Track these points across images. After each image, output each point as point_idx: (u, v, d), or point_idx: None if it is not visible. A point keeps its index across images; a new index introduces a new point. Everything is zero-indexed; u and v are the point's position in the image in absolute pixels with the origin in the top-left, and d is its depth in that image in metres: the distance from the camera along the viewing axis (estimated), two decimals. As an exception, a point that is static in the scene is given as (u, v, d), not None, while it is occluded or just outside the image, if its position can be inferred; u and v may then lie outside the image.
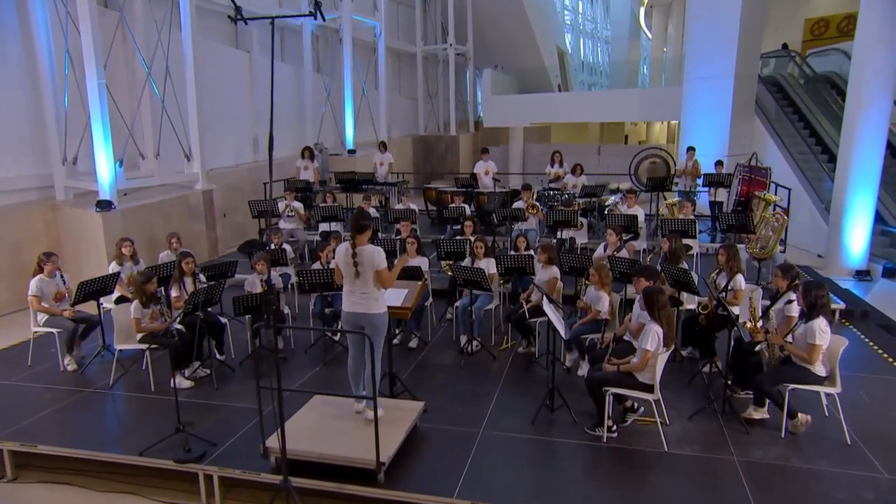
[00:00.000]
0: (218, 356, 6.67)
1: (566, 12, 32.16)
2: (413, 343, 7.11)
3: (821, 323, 4.92)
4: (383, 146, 13.33)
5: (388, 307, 5.27)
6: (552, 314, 5.29)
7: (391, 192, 12.85)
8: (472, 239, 7.35)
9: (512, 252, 7.56)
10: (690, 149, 11.18)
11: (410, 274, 6.67)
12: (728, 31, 13.96)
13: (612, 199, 9.46)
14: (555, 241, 9.31)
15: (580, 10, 34.15)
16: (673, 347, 5.05)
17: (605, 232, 7.62)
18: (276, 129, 14.64)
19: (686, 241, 8.46)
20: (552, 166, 12.15)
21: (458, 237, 8.06)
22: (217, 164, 13.25)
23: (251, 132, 14.66)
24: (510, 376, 6.34)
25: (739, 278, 6.23)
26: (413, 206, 10.31)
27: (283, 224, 10.14)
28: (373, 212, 10.06)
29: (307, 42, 15.80)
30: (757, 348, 5.36)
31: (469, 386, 6.15)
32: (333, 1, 15.98)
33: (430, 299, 7.56)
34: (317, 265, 7.22)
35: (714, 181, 10.56)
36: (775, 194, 9.31)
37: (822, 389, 5.12)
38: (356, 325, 4.94)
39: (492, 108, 20.89)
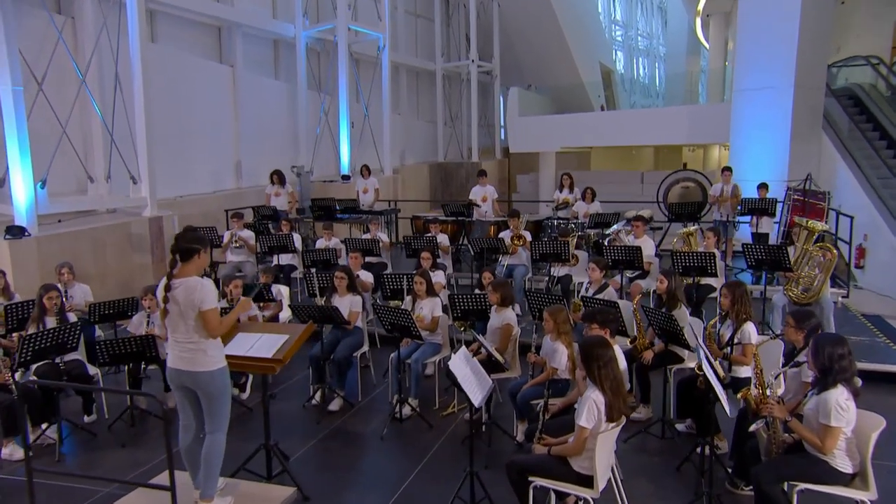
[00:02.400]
0: (86, 417, 5.84)
1: (616, 28, 31.34)
2: (335, 405, 6.13)
3: (839, 395, 3.68)
4: (366, 170, 12.79)
5: (253, 359, 4.34)
6: (464, 372, 4.20)
7: (378, 222, 12.06)
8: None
9: (477, 291, 6.60)
10: (726, 169, 9.99)
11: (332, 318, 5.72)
12: (786, 34, 12.84)
13: (613, 228, 8.33)
14: (547, 278, 8.29)
15: (635, 26, 33.29)
16: (622, 422, 3.88)
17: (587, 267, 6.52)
18: (265, 153, 14.31)
19: (707, 280, 7.35)
20: (560, 191, 11.37)
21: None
22: (190, 189, 12.80)
23: (234, 155, 14.22)
24: (442, 452, 5.27)
25: (749, 329, 5.05)
26: (382, 237, 9.55)
27: (229, 256, 9.43)
28: (334, 243, 9.21)
29: (301, 56, 15.39)
30: (752, 427, 4.12)
31: (382, 464, 5.14)
32: (333, 9, 15.56)
33: (366, 348, 6.60)
34: (222, 303, 6.35)
35: (755, 209, 9.29)
36: (825, 222, 7.99)
37: (846, 493, 3.82)
38: (181, 384, 4.00)
39: (518, 130, 20.19)
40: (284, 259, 9.36)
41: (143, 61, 10.06)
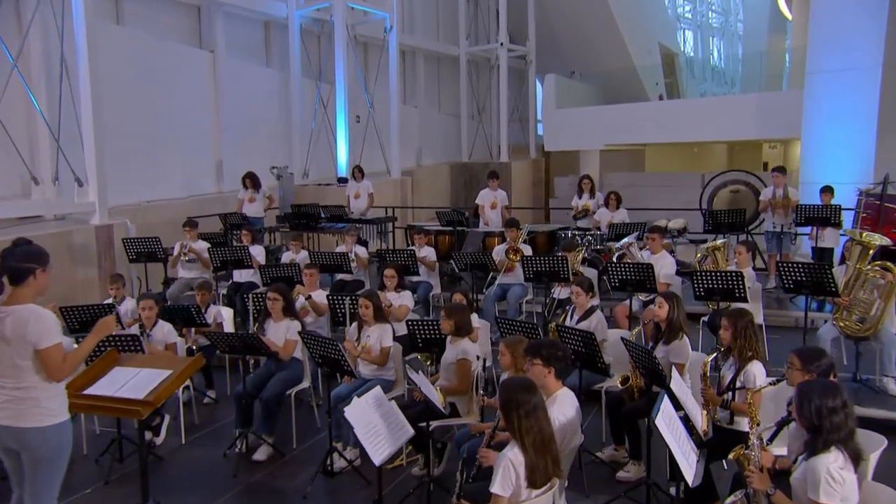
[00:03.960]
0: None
1: (685, 3, 30.70)
2: (261, 454, 5.88)
3: (831, 463, 3.23)
4: (359, 172, 12.60)
5: (118, 400, 4.10)
6: (369, 419, 3.90)
7: (372, 232, 11.92)
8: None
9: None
10: (778, 170, 9.47)
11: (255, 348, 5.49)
12: (873, 2, 12.26)
13: (623, 240, 7.95)
14: (545, 301, 7.93)
15: (707, 0, 32.57)
16: (553, 488, 3.50)
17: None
18: (252, 151, 14.29)
19: (737, 306, 6.81)
20: (579, 197, 11.09)
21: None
22: (159, 193, 12.84)
23: (213, 154, 14.25)
24: (373, 517, 4.93)
25: (755, 370, 4.62)
26: (360, 251, 9.43)
27: (181, 272, 9.35)
28: (302, 257, 9.05)
29: (295, 39, 15.39)
30: (728, 501, 3.68)
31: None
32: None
33: (307, 384, 6.36)
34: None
35: (813, 217, 8.78)
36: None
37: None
38: (5, 446, 3.74)
39: (554, 125, 19.91)
40: (244, 275, 9.19)
41: (89, 43, 10.08)
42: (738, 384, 4.63)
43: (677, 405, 4.11)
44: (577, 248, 8.35)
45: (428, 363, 6.19)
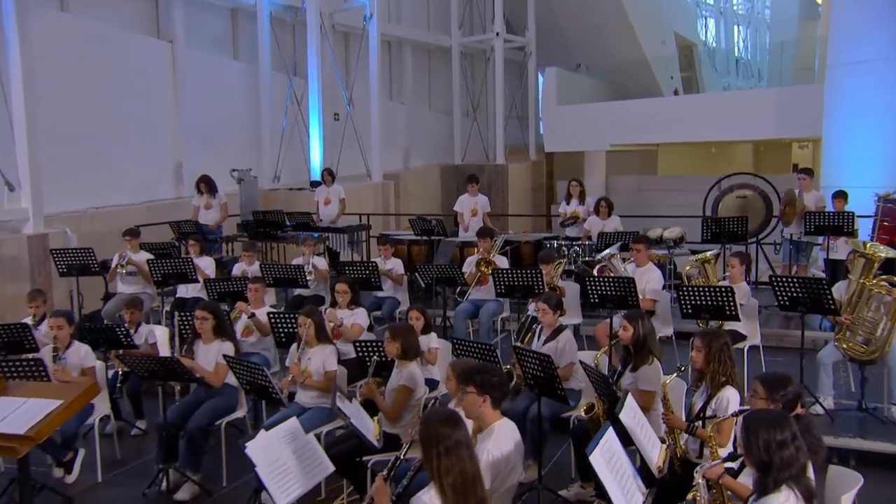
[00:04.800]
0: None
1: (705, -12, 30.63)
2: (184, 492, 5.75)
3: (784, 503, 3.11)
4: (328, 176, 12.61)
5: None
6: (276, 457, 3.76)
7: (342, 242, 11.85)
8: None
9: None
10: (805, 172, 9.74)
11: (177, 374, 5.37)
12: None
13: (605, 252, 7.92)
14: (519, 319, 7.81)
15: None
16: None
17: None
18: (217, 153, 14.23)
19: (731, 325, 6.80)
20: (567, 202, 11.09)
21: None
22: (110, 199, 12.73)
23: (172, 156, 14.18)
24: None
25: (728, 395, 4.51)
26: (320, 263, 9.32)
27: (120, 286, 9.27)
28: (255, 270, 8.92)
29: (264, 29, 15.33)
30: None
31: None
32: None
33: (242, 413, 6.27)
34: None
35: (823, 225, 8.71)
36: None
37: None
38: None
39: (556, 123, 19.90)
40: (190, 290, 9.11)
41: (22, 30, 9.98)
42: (709, 411, 4.51)
43: (629, 438, 3.98)
44: (555, 260, 8.23)
45: (381, 389, 6.07)
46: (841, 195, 9.13)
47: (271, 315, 6.78)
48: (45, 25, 10.88)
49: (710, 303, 6.51)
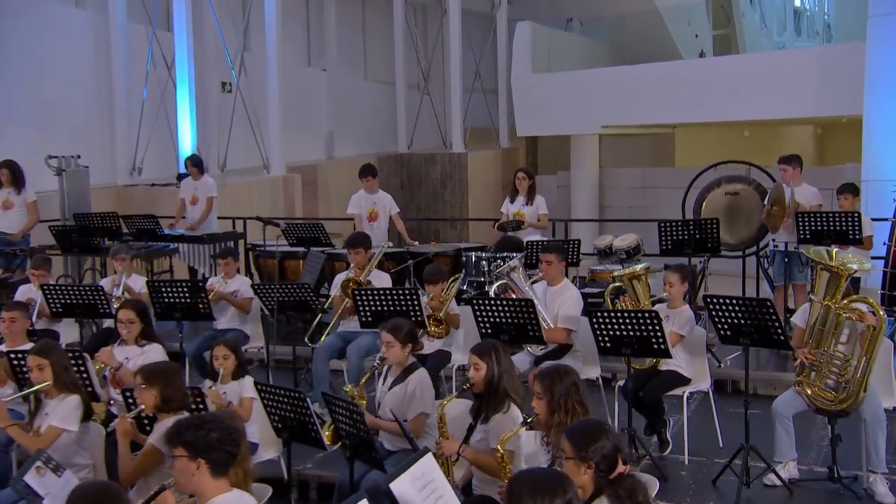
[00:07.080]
0: None
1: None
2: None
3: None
4: (193, 167, 12.79)
5: None
6: None
7: (204, 256, 12.05)
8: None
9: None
10: (786, 161, 9.81)
11: None
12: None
13: (507, 264, 8.13)
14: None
15: None
16: None
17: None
18: (53, 132, 14.27)
19: (669, 364, 7.12)
20: (511, 201, 11.44)
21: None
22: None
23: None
24: None
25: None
26: (135, 284, 9.31)
27: None
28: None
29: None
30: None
31: None
32: None
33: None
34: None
35: (821, 231, 9.14)
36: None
37: None
38: None
39: (529, 97, 20.11)
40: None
41: None
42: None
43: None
44: (447, 278, 8.46)
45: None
46: (848, 189, 9.40)
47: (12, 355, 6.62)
48: None
49: (632, 333, 6.63)
